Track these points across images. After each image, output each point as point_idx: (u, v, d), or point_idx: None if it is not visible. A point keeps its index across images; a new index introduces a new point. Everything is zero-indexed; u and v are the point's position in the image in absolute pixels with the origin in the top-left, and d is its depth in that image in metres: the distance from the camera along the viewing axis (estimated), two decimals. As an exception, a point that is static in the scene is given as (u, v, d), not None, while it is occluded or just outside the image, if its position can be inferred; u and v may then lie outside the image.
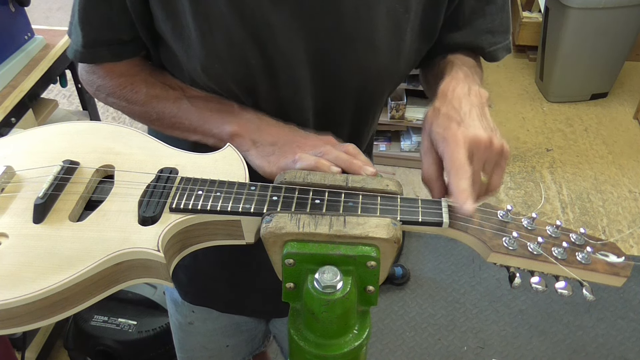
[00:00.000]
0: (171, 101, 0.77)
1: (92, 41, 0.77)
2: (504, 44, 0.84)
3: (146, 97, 0.78)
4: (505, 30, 0.84)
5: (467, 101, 0.68)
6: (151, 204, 0.63)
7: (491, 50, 0.83)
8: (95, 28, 0.76)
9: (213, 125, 0.74)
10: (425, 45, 0.81)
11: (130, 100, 0.79)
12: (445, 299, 2.21)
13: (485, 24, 0.81)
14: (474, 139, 0.63)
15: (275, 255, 0.61)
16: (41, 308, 0.57)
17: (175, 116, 0.77)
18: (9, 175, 0.68)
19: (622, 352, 2.03)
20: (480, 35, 0.82)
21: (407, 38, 0.77)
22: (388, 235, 0.58)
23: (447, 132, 0.63)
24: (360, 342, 0.61)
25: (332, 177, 0.65)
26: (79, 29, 0.76)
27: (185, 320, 1.11)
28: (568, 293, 0.59)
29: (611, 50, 3.09)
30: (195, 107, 0.76)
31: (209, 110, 0.75)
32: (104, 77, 0.80)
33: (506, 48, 0.85)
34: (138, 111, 0.79)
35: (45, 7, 4.00)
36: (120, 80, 0.79)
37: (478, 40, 0.82)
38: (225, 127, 0.73)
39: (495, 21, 0.81)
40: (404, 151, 2.81)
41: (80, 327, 1.73)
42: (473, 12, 0.80)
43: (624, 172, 2.83)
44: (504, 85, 3.46)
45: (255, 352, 1.23)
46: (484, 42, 0.82)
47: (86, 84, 0.83)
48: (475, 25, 0.81)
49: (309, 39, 0.72)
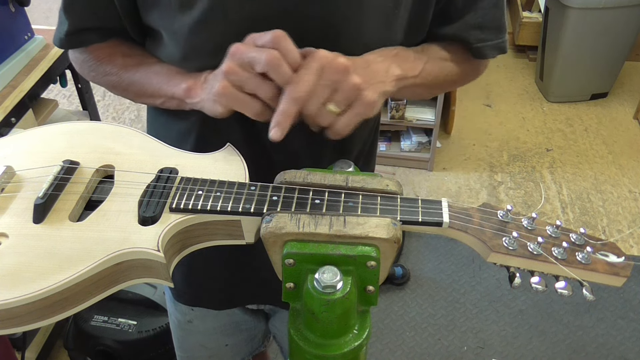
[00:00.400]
0: (140, 69, 0.79)
1: (76, 29, 0.79)
2: (495, 42, 0.82)
3: (119, 67, 0.81)
4: (497, 28, 0.81)
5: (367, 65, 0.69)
6: (151, 204, 0.63)
7: (479, 46, 0.81)
8: (80, 17, 0.79)
9: (171, 85, 0.75)
10: (414, 39, 0.81)
11: (106, 72, 0.82)
12: (445, 299, 2.21)
13: (475, 18, 0.79)
14: (331, 63, 0.62)
15: (275, 255, 0.61)
16: (41, 308, 0.57)
17: (140, 82, 0.79)
18: (9, 175, 0.68)
19: (622, 352, 2.03)
20: (468, 30, 0.80)
21: (397, 33, 0.76)
22: (388, 235, 0.58)
23: (317, 51, 0.64)
24: (360, 342, 0.61)
25: (332, 177, 0.65)
26: (64, 18, 0.79)
27: (184, 318, 1.11)
28: (568, 293, 0.59)
29: (611, 50, 3.09)
30: (156, 72, 0.78)
31: (168, 73, 0.77)
32: (88, 53, 0.83)
33: (497, 47, 0.82)
34: (113, 81, 0.82)
35: (45, 7, 4.00)
36: (98, 53, 0.82)
37: (465, 34, 0.80)
38: (181, 85, 0.74)
39: (486, 16, 0.80)
40: (404, 151, 2.81)
41: (80, 327, 1.73)
42: (465, 6, 0.79)
43: (624, 172, 2.83)
44: (504, 85, 3.46)
45: (255, 351, 1.22)
46: (470, 36, 0.80)
47: (74, 62, 0.86)
48: (465, 19, 0.79)
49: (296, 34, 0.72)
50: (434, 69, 0.79)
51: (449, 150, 2.95)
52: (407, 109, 2.67)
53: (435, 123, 2.66)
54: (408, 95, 0.80)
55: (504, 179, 2.78)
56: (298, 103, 0.62)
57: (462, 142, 3.01)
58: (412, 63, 0.76)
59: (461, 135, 3.06)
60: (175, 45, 0.75)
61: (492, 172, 2.82)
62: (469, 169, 2.84)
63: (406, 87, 0.75)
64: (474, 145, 2.99)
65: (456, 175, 2.80)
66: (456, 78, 0.85)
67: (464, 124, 3.12)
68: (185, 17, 0.71)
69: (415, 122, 2.70)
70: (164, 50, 0.78)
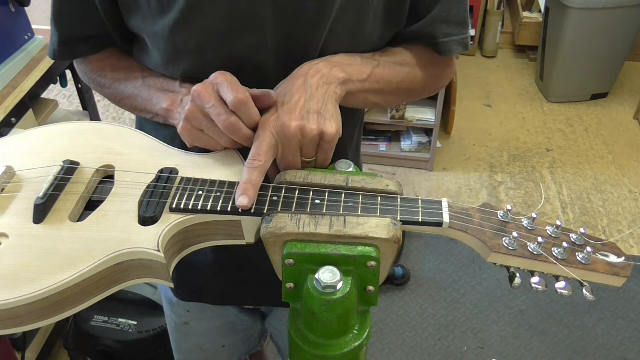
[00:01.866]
0: (129, 82, 0.80)
1: (66, 39, 0.81)
2: (459, 38, 0.81)
3: (111, 80, 0.82)
4: (461, 23, 0.81)
5: (304, 81, 0.69)
6: (151, 204, 0.63)
7: (444, 40, 0.80)
8: (68, 26, 0.80)
9: (153, 104, 0.76)
10: (389, 31, 0.80)
11: (100, 84, 0.84)
12: (445, 299, 2.21)
13: (441, 12, 0.79)
14: (281, 128, 0.65)
15: (275, 255, 0.61)
16: (41, 308, 0.57)
17: (131, 96, 0.80)
18: (9, 175, 0.68)
19: (622, 352, 2.03)
20: (434, 24, 0.79)
21: (369, 24, 0.76)
22: (388, 235, 0.58)
23: (263, 117, 0.67)
24: (360, 342, 0.61)
25: (332, 177, 0.65)
26: (54, 29, 0.81)
27: (180, 320, 1.11)
28: (568, 293, 0.59)
29: (611, 50, 3.09)
30: (145, 85, 0.79)
31: (154, 89, 0.78)
32: (85, 65, 0.85)
33: (461, 42, 0.82)
34: (107, 94, 0.84)
35: (45, 7, 3.99)
36: (92, 66, 0.84)
37: (431, 29, 0.80)
38: (161, 104, 0.75)
39: (451, 10, 0.79)
40: (404, 151, 2.81)
41: (80, 327, 1.73)
42: (432, 1, 0.78)
43: (624, 172, 2.83)
44: (504, 85, 3.46)
45: (252, 351, 1.23)
46: (437, 30, 0.80)
47: (77, 70, 0.88)
48: (432, 14, 0.79)
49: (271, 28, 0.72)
50: (386, 73, 0.78)
51: (449, 150, 2.95)
52: (407, 109, 2.67)
53: (435, 123, 2.66)
54: (359, 102, 0.78)
55: (504, 179, 2.78)
56: (261, 172, 0.64)
57: (462, 142, 3.01)
58: (357, 67, 0.75)
59: (461, 135, 3.06)
60: (158, 49, 0.76)
61: (492, 172, 2.82)
62: (469, 169, 2.84)
63: (354, 93, 0.74)
64: (474, 145, 2.99)
65: (456, 175, 2.80)
66: (418, 83, 0.84)
67: (464, 124, 3.12)
68: (165, 19, 0.72)
69: (415, 122, 2.70)
70: (148, 56, 0.79)
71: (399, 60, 0.81)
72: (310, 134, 0.65)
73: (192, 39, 0.73)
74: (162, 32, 0.73)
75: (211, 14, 0.71)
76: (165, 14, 0.72)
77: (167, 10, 0.71)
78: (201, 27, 0.72)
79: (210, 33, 0.72)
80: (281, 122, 0.65)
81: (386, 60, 0.79)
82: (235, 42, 0.73)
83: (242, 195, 0.62)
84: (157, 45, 0.75)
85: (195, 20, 0.71)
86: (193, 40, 0.73)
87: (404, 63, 0.81)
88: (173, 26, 0.72)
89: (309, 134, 0.65)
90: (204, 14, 0.71)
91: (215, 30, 0.72)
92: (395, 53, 0.81)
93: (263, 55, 0.74)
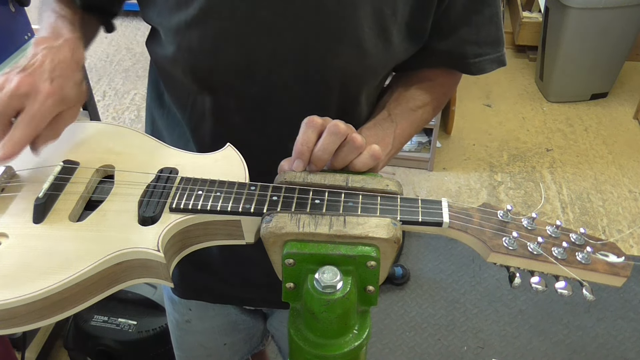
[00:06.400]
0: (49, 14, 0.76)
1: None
2: (494, 56, 0.81)
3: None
4: (494, 42, 0.80)
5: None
6: (151, 204, 0.63)
7: (476, 61, 0.80)
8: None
9: (40, 26, 0.74)
10: (413, 46, 0.79)
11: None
12: (445, 299, 2.21)
13: (471, 34, 0.78)
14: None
15: (275, 255, 0.61)
16: (41, 308, 0.57)
17: (41, 8, 0.77)
18: (9, 175, 0.68)
19: (622, 352, 2.03)
20: (464, 45, 0.79)
21: (394, 39, 0.75)
22: (388, 235, 0.58)
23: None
24: (360, 342, 0.61)
25: (332, 177, 0.65)
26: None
27: (182, 318, 1.11)
28: (568, 293, 0.59)
29: (611, 50, 3.09)
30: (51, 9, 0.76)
31: (52, 17, 0.74)
32: None
33: (497, 60, 0.81)
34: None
35: (45, 7, 4.00)
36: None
37: (461, 50, 0.79)
38: (41, 32, 0.72)
39: (481, 32, 0.79)
40: (404, 151, 2.81)
41: (80, 327, 1.73)
42: (458, 20, 0.77)
43: (624, 172, 2.83)
44: (504, 85, 3.46)
45: (254, 350, 1.23)
46: (467, 52, 0.79)
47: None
48: (460, 34, 0.78)
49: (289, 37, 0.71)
50: (405, 128, 0.79)
51: (449, 150, 2.95)
52: (407, 109, 2.67)
53: (435, 123, 2.66)
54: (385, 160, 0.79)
55: (504, 179, 2.78)
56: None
57: (462, 142, 3.01)
58: (381, 142, 0.75)
59: (461, 135, 3.06)
60: (171, 44, 0.75)
61: (492, 172, 2.82)
62: (469, 169, 2.84)
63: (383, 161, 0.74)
64: (474, 145, 2.99)
65: (456, 175, 2.80)
66: (431, 115, 0.85)
67: (464, 124, 3.12)
68: (181, 14, 0.71)
69: (415, 122, 2.70)
70: (162, 48, 0.78)
71: (413, 105, 0.80)
72: (355, 141, 0.64)
73: (208, 39, 0.72)
74: (178, 27, 0.73)
75: (228, 15, 0.70)
76: (182, 9, 0.71)
77: (185, 6, 0.71)
78: (217, 27, 0.71)
79: (225, 34, 0.71)
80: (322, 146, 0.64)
81: (401, 112, 0.79)
82: (250, 46, 0.72)
83: (296, 161, 0.64)
84: (171, 40, 0.75)
85: (212, 19, 0.71)
86: (208, 40, 0.72)
87: (420, 105, 0.81)
88: (190, 23, 0.71)
89: (355, 140, 0.64)
90: (220, 15, 0.70)
91: (231, 32, 0.71)
92: (408, 98, 0.80)
93: (277, 64, 0.73)
